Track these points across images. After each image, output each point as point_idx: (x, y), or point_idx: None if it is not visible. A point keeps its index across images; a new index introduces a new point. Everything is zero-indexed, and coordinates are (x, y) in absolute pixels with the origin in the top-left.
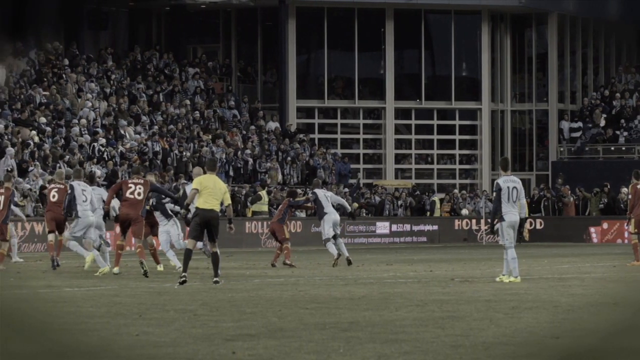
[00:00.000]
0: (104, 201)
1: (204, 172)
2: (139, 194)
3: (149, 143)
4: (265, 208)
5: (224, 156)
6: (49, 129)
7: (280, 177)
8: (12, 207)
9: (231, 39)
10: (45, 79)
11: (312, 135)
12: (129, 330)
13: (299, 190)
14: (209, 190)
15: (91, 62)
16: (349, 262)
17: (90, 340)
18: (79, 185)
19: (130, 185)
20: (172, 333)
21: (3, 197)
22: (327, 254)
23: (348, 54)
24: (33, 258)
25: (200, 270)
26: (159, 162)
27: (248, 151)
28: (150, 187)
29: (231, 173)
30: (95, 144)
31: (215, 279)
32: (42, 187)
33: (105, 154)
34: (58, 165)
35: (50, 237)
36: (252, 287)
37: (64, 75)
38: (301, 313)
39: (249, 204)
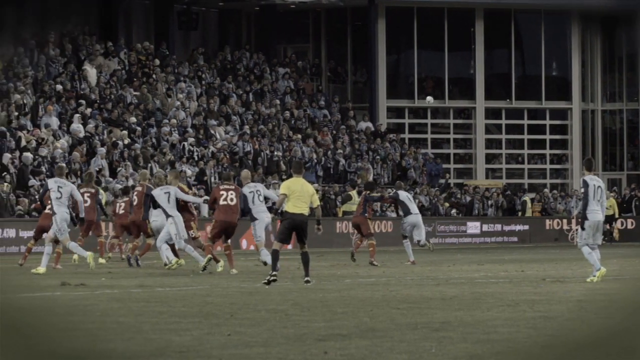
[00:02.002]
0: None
1: (292, 176)
2: (232, 199)
3: (240, 143)
4: (355, 208)
5: (314, 156)
6: (139, 128)
7: (370, 177)
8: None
9: (321, 38)
10: (135, 79)
11: (402, 135)
12: (221, 330)
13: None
14: (297, 194)
15: (182, 62)
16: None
17: (182, 340)
18: (55, 182)
19: (222, 192)
20: (264, 333)
21: (89, 196)
22: (415, 253)
23: (438, 54)
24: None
25: (291, 271)
26: (249, 161)
27: (339, 151)
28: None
29: (320, 173)
30: (185, 143)
31: (306, 278)
32: (132, 187)
33: (195, 153)
34: (149, 165)
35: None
36: (343, 287)
37: (154, 75)
38: (393, 313)
39: (339, 203)
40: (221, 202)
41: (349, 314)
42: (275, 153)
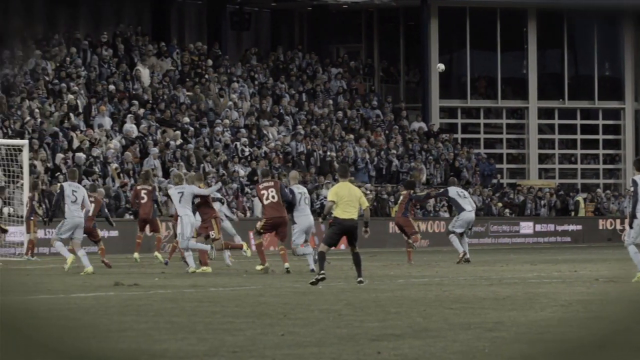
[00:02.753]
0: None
1: (338, 181)
2: (273, 196)
3: (293, 143)
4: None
5: (366, 156)
6: (191, 129)
7: (424, 177)
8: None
9: (373, 38)
10: (188, 79)
11: (455, 135)
12: (274, 330)
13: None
14: (346, 200)
15: (234, 63)
16: (467, 261)
17: (235, 339)
18: (69, 186)
19: (262, 191)
20: (317, 333)
21: (93, 205)
22: (470, 254)
23: (490, 54)
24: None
25: (344, 271)
26: (302, 162)
27: (393, 151)
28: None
29: (372, 173)
30: (238, 143)
31: (359, 279)
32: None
33: (248, 153)
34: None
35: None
36: (396, 287)
37: (206, 76)
38: (446, 313)
39: (391, 204)
40: (265, 202)
41: (402, 314)
42: (328, 153)
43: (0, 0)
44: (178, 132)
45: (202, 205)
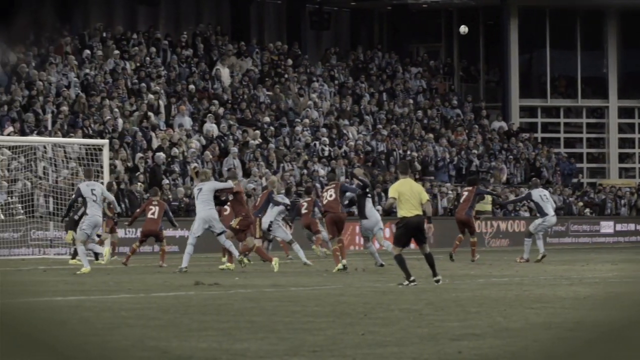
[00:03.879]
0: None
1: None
2: (331, 195)
3: (373, 142)
4: (489, 207)
5: (447, 155)
6: (272, 128)
7: (504, 177)
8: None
9: (453, 38)
10: (268, 79)
11: (535, 135)
12: (355, 330)
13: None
14: (407, 196)
15: (314, 62)
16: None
17: (316, 339)
18: (87, 186)
19: (324, 193)
20: (398, 332)
21: (157, 208)
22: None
23: (570, 53)
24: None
25: (425, 270)
26: (382, 161)
27: (474, 151)
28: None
29: (452, 172)
30: (317, 142)
31: (435, 277)
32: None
33: (327, 152)
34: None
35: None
36: (476, 286)
37: (286, 75)
38: (526, 313)
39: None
40: (324, 202)
41: (483, 313)
42: (408, 153)
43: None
44: (258, 132)
45: (234, 202)
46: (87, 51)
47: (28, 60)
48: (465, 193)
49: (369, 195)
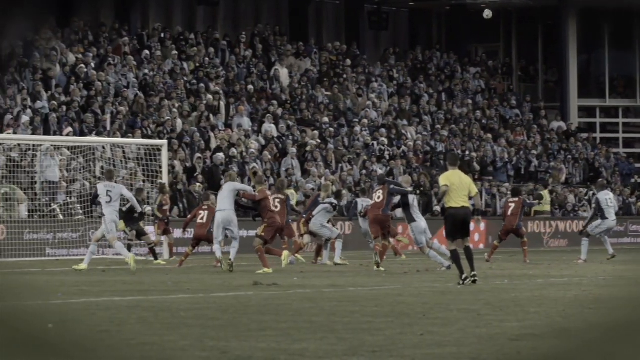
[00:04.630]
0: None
1: (448, 169)
2: (379, 197)
3: (432, 142)
4: (548, 208)
5: (505, 155)
6: (331, 129)
7: (563, 177)
8: None
9: (512, 38)
10: (326, 79)
11: (593, 135)
12: (413, 330)
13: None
14: (456, 187)
15: (373, 62)
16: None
17: (375, 339)
18: (104, 187)
19: (373, 195)
20: (456, 333)
21: (207, 212)
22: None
23: (629, 53)
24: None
25: (483, 270)
26: (440, 161)
27: (533, 151)
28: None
29: (511, 173)
30: (375, 143)
31: (472, 273)
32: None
33: (386, 153)
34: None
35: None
36: (535, 286)
37: (344, 75)
38: (585, 313)
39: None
40: (372, 203)
41: (542, 313)
42: (467, 153)
43: None
44: (316, 132)
45: (262, 209)
46: (146, 52)
47: (87, 60)
48: (512, 205)
49: (416, 199)
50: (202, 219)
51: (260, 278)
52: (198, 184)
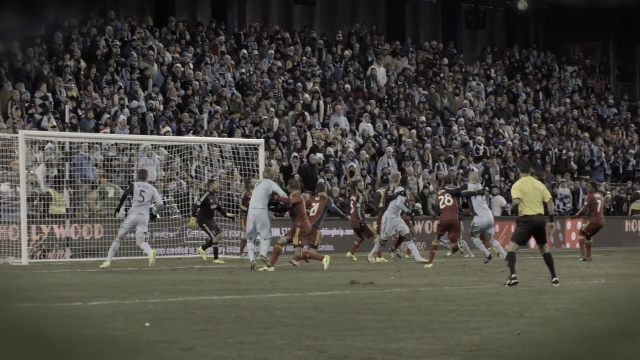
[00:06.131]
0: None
1: (519, 177)
2: (449, 201)
3: (529, 141)
4: None
5: (603, 155)
6: (429, 128)
7: None
8: None
9: (609, 37)
10: (423, 78)
11: None
12: (511, 329)
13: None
14: (530, 196)
15: (470, 61)
16: None
17: (472, 339)
18: (139, 187)
19: (440, 197)
20: (554, 332)
21: (318, 205)
22: None
23: None
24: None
25: (580, 270)
26: (538, 160)
27: (631, 151)
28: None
29: (609, 172)
30: (472, 142)
31: (554, 279)
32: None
33: (484, 152)
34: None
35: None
36: (633, 285)
37: (442, 75)
38: None
39: (629, 202)
40: (442, 206)
41: None
42: (564, 152)
43: None
44: (414, 131)
45: (296, 214)
46: (244, 51)
47: (184, 60)
48: (599, 202)
49: (483, 196)
50: (313, 211)
51: (261, 273)
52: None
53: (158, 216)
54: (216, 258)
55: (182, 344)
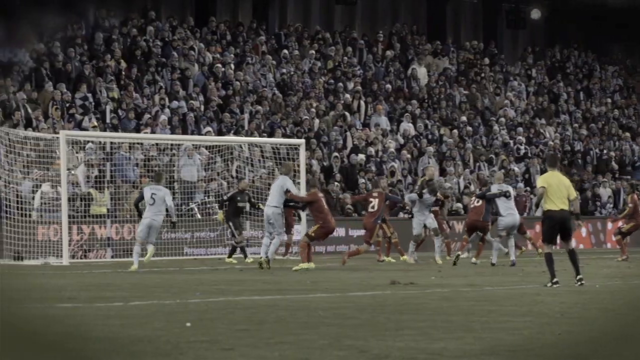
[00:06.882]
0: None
1: (546, 171)
2: (478, 201)
3: (570, 141)
4: None
5: None
6: (469, 128)
7: None
8: None
9: None
10: (464, 78)
11: None
12: (552, 329)
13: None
14: (553, 189)
15: (511, 61)
16: None
17: (513, 339)
18: (150, 190)
19: (472, 198)
20: (594, 332)
21: (377, 200)
22: None
23: None
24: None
25: (620, 269)
26: (579, 160)
27: None
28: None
29: None
30: (513, 141)
31: (578, 276)
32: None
33: (524, 152)
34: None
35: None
36: None
37: (482, 74)
38: None
39: None
40: (470, 206)
41: None
42: (605, 152)
43: None
44: (455, 131)
45: (312, 210)
46: (284, 51)
47: (225, 60)
48: (631, 204)
49: (507, 196)
50: (372, 207)
51: (300, 273)
52: (336, 183)
53: (175, 219)
54: (230, 256)
55: (222, 343)
